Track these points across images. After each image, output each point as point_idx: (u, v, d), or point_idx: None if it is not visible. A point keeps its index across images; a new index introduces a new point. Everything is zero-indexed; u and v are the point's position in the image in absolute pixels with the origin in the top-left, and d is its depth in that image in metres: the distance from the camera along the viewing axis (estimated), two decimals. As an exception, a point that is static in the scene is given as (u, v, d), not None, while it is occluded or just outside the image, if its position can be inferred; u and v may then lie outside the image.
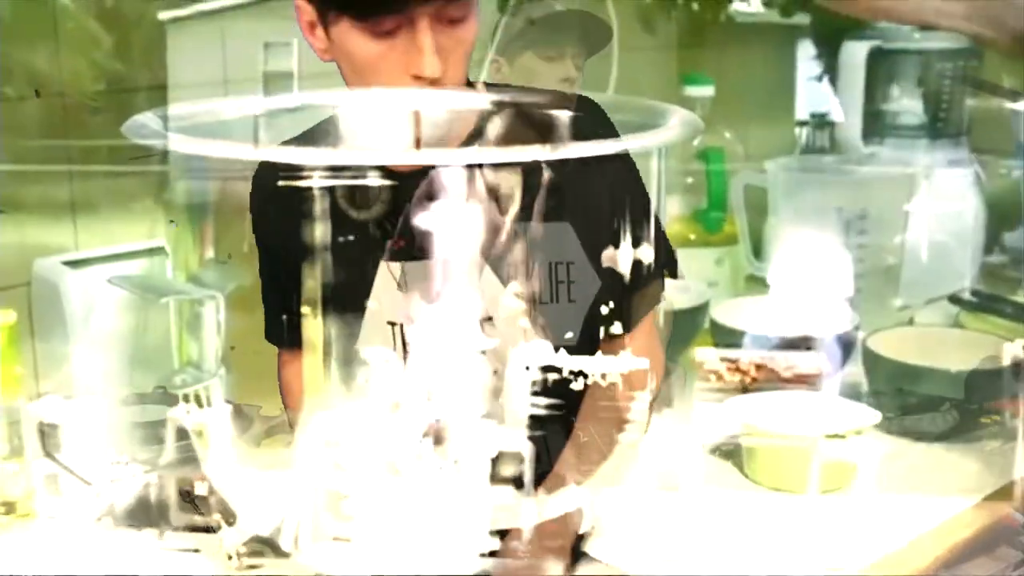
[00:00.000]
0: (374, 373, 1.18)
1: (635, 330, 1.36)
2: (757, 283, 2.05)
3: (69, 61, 1.72)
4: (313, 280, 1.34)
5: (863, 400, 1.52)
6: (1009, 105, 2.15)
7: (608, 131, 1.29)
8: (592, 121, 1.29)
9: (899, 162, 2.18)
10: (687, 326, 1.81)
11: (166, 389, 1.52)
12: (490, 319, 1.30)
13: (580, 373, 1.19)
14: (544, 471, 1.31)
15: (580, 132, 1.16)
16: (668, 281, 1.45)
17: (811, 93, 2.40)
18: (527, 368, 1.17)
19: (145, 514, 1.28)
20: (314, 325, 1.22)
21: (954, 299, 2.00)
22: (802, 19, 2.41)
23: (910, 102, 2.26)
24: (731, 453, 1.48)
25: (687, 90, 2.07)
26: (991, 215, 2.20)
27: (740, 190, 2.12)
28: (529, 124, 1.25)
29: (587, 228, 1.33)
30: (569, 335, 1.29)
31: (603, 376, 1.18)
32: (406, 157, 1.28)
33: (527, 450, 1.15)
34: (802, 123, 2.32)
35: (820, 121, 2.30)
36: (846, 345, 1.74)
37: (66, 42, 1.72)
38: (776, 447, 1.40)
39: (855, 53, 2.23)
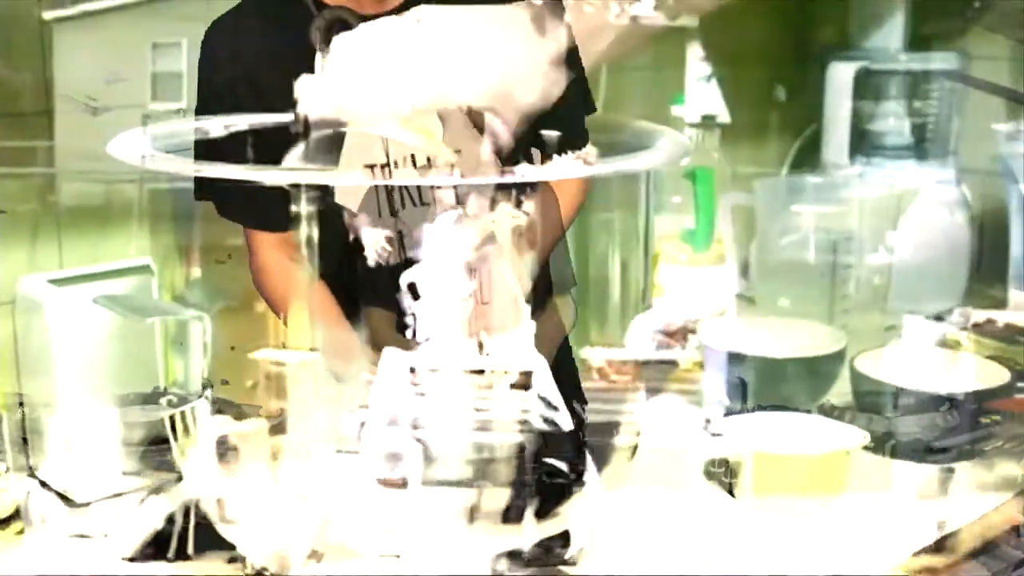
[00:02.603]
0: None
1: None
2: (744, 303, 2.05)
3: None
4: None
5: (852, 420, 1.51)
6: (993, 125, 2.16)
7: None
8: None
9: (886, 181, 2.19)
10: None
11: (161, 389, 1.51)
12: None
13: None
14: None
15: None
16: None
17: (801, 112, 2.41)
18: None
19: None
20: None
21: (940, 319, 2.00)
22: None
23: (897, 122, 2.27)
24: (719, 474, 1.47)
25: (676, 110, 2.07)
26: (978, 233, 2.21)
27: (727, 210, 2.12)
28: None
29: None
30: None
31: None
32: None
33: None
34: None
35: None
36: (833, 366, 1.74)
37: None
38: (766, 467, 1.39)
39: (842, 73, 2.24)
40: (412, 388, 1.18)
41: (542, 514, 1.20)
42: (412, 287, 1.19)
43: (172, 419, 1.25)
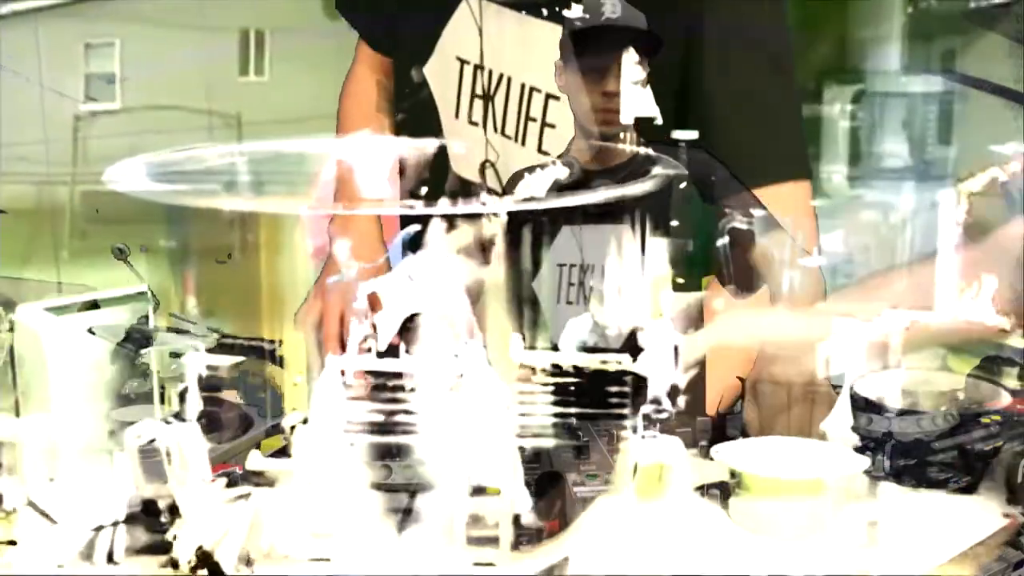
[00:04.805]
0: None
1: None
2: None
3: None
4: None
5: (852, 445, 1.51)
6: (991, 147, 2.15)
7: None
8: None
9: (884, 204, 2.18)
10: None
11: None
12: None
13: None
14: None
15: None
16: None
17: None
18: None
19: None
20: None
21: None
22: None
23: (895, 145, 2.27)
24: (718, 497, 1.47)
25: (673, 133, 2.06)
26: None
27: (725, 232, 2.11)
28: None
29: None
30: None
31: None
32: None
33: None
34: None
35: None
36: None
37: None
38: (767, 492, 1.39)
39: (839, 96, 2.24)
40: (345, 391, 1.18)
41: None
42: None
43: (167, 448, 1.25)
